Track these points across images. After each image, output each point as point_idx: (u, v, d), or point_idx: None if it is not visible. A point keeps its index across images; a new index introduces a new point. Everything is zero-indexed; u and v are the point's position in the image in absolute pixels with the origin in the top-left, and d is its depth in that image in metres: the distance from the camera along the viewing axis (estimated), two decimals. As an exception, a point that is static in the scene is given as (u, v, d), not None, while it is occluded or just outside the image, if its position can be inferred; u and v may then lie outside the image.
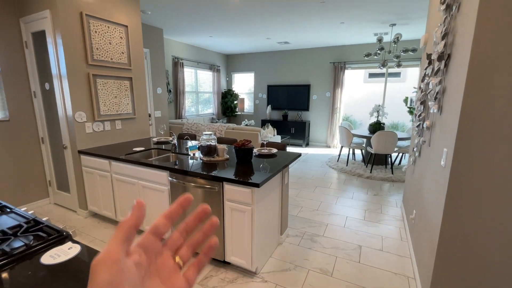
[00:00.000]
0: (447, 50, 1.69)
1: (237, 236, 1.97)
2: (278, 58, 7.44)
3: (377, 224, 2.85)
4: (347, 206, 3.32)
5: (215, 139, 2.39)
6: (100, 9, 2.84)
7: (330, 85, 6.88)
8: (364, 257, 2.27)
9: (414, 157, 2.59)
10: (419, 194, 2.22)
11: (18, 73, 2.95)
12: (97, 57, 2.85)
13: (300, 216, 3.03)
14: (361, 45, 6.39)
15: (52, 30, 2.61)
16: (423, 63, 2.62)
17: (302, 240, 2.53)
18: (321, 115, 7.16)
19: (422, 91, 2.29)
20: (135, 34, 3.24)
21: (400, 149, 4.73)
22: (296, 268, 2.13)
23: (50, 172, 3.24)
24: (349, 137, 4.95)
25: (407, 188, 2.94)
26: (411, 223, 2.45)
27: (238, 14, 4.17)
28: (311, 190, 3.88)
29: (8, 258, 0.91)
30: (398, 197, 3.63)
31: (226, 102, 7.95)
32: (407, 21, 4.48)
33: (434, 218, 1.61)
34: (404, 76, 8.94)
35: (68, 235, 1.08)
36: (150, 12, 4.16)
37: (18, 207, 3.04)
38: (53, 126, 3.07)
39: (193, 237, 0.29)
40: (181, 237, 0.29)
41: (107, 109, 3.02)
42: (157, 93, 5.16)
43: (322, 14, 4.13)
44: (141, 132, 3.50)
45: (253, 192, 1.82)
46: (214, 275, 2.03)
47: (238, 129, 4.74)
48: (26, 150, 3.08)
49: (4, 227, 1.09)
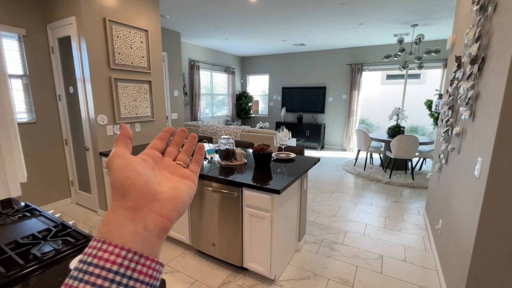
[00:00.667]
0: (481, 53, 1.60)
1: (255, 242, 1.94)
2: (293, 60, 7.38)
3: (398, 233, 2.75)
4: (366, 213, 3.22)
5: (233, 143, 2.38)
6: (122, 15, 2.91)
7: (346, 87, 6.75)
8: (386, 268, 2.18)
9: (440, 164, 2.47)
10: (446, 204, 2.11)
11: (44, 77, 3.07)
12: (119, 61, 2.92)
13: (317, 222, 2.96)
14: (380, 46, 6.23)
15: (77, 36, 2.69)
16: (451, 66, 2.50)
17: (321, 248, 2.47)
18: (337, 117, 7.03)
19: (450, 95, 2.18)
20: (155, 38, 3.30)
21: (422, 154, 4.56)
22: (316, 276, 2.07)
23: (72, 172, 3.34)
24: (367, 141, 4.82)
25: (431, 196, 2.82)
26: (437, 233, 2.33)
27: (254, 16, 4.17)
28: (328, 195, 3.80)
29: (39, 263, 0.92)
30: (420, 204, 3.48)
31: (241, 104, 7.97)
32: (430, 21, 4.32)
33: (467, 231, 1.52)
34: (424, 78, 8.64)
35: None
36: (168, 16, 4.23)
37: (41, 206, 3.16)
38: (76, 129, 3.17)
39: (184, 146, 0.35)
40: (174, 149, 0.34)
41: (127, 112, 3.09)
42: (174, 95, 5.23)
43: (340, 15, 4.05)
44: (159, 135, 3.55)
45: (273, 198, 1.79)
46: (231, 281, 2.01)
47: (253, 132, 4.72)
48: (50, 151, 3.20)
49: (34, 231, 1.11)
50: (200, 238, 2.25)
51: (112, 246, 0.22)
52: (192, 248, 2.42)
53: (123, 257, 0.22)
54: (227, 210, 2.03)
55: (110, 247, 0.22)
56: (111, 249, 0.22)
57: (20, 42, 2.85)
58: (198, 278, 2.04)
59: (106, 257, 0.21)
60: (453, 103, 2.14)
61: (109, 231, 0.23)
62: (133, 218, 0.24)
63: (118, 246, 0.22)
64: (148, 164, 0.29)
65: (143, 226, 0.24)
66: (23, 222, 1.22)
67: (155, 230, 0.25)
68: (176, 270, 2.14)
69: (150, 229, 0.24)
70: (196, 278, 2.04)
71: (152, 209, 0.25)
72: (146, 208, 0.25)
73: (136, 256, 0.22)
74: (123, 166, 0.25)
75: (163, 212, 0.26)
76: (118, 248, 0.22)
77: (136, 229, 0.24)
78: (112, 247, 0.22)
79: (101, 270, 0.21)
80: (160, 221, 0.25)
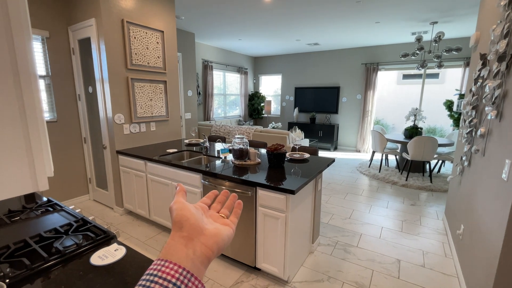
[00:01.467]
0: (510, 50, 1.51)
1: (269, 242, 1.93)
2: (306, 59, 7.31)
3: (416, 237, 2.65)
4: (381, 216, 3.13)
5: (247, 143, 2.38)
6: (139, 16, 2.97)
7: (361, 87, 6.62)
8: (404, 273, 2.11)
9: (461, 166, 2.37)
10: (468, 208, 2.02)
11: (65, 78, 3.18)
12: (135, 62, 2.99)
13: (331, 224, 2.91)
14: (396, 45, 6.06)
15: (96, 37, 2.77)
16: (474, 64, 2.40)
17: (335, 250, 2.42)
18: (351, 118, 6.90)
19: (474, 95, 2.09)
20: (170, 39, 3.35)
21: (440, 156, 4.39)
22: (330, 279, 2.03)
23: (90, 170, 3.44)
24: (382, 142, 4.70)
25: (452, 200, 2.71)
26: (458, 238, 2.24)
27: (268, 16, 4.15)
28: (342, 196, 3.73)
29: (61, 257, 0.95)
30: (439, 208, 3.35)
31: (253, 104, 7.97)
32: (451, 19, 4.16)
33: (493, 237, 1.45)
34: (443, 78, 8.35)
35: (113, 236, 1.11)
36: (184, 17, 4.29)
37: (61, 202, 3.27)
38: (94, 127, 3.26)
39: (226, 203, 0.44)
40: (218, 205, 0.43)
41: (143, 111, 3.15)
42: (188, 95, 5.30)
43: (356, 14, 3.97)
44: (174, 134, 3.61)
45: (288, 198, 1.77)
46: (245, 281, 2.00)
47: (266, 132, 4.71)
48: (70, 149, 3.31)
49: (56, 225, 1.15)
50: (213, 237, 2.25)
51: (172, 264, 0.29)
52: (205, 247, 2.44)
53: (179, 273, 0.28)
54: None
55: (171, 265, 0.29)
56: (171, 266, 0.29)
57: (43, 44, 2.97)
58: (211, 277, 2.05)
59: (168, 271, 0.28)
60: (477, 102, 2.05)
61: (168, 252, 0.30)
62: (186, 244, 0.32)
63: (176, 264, 0.29)
64: (198, 211, 0.37)
65: (193, 251, 0.31)
66: (46, 216, 1.26)
67: (201, 256, 0.32)
68: (190, 268, 2.15)
69: (197, 255, 0.32)
70: (209, 277, 2.05)
71: (200, 240, 0.33)
72: (196, 238, 0.33)
73: (189, 275, 0.29)
74: (181, 208, 0.35)
75: (208, 244, 0.33)
76: (177, 266, 0.29)
77: (187, 253, 0.31)
78: (172, 264, 0.29)
79: (164, 280, 0.27)
80: (205, 250, 0.33)
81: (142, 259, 0.97)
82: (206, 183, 2.19)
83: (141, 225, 2.87)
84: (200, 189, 2.26)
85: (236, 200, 0.44)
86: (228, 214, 0.42)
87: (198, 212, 0.37)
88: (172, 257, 0.30)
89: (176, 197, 0.38)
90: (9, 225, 1.16)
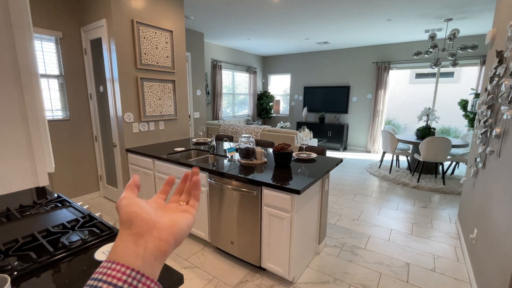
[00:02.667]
0: (528, 46, 1.44)
1: (274, 242, 1.92)
2: (316, 58, 7.24)
3: (427, 241, 2.58)
4: (391, 218, 3.06)
5: (254, 142, 2.37)
6: (149, 16, 3.01)
7: (372, 86, 6.49)
8: (413, 277, 2.05)
9: (475, 168, 2.28)
10: (483, 211, 1.94)
11: (78, 77, 3.26)
12: (145, 61, 3.03)
13: (338, 225, 2.87)
14: (409, 43, 5.91)
15: (107, 37, 2.83)
16: (490, 62, 2.30)
17: (342, 252, 2.38)
18: (361, 118, 6.78)
19: (490, 94, 2.00)
20: (179, 38, 3.38)
21: (454, 157, 4.26)
22: (336, 281, 2.00)
23: (101, 167, 3.52)
24: (393, 143, 4.59)
25: (465, 203, 2.61)
26: (471, 243, 2.16)
27: (277, 15, 4.13)
28: (350, 197, 3.67)
29: (67, 251, 0.97)
30: (452, 211, 3.25)
31: (262, 104, 7.96)
32: (467, 15, 4.02)
33: (509, 242, 1.38)
34: (458, 77, 8.10)
35: (118, 232, 1.13)
36: (193, 17, 4.32)
37: (73, 198, 3.36)
38: (105, 126, 3.33)
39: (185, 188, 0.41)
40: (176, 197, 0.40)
41: (152, 110, 3.19)
42: (197, 95, 5.34)
43: (367, 11, 3.89)
44: (182, 133, 3.64)
45: (293, 198, 1.75)
46: (249, 280, 2.00)
47: (274, 131, 4.69)
48: (82, 147, 3.39)
49: (64, 221, 1.17)
50: (219, 235, 2.26)
51: (119, 266, 0.27)
52: (211, 245, 2.45)
53: (127, 275, 0.26)
54: (246, 209, 2.02)
55: (118, 266, 0.27)
56: (118, 268, 0.26)
57: (57, 44, 3.05)
58: (216, 275, 2.06)
59: (114, 274, 0.26)
60: (492, 102, 1.97)
61: (116, 254, 0.28)
62: (136, 242, 0.29)
63: (124, 266, 0.27)
64: (150, 205, 0.34)
65: (143, 248, 0.29)
66: (55, 212, 1.29)
67: (154, 251, 0.29)
68: (195, 266, 2.17)
69: (150, 251, 0.29)
70: (215, 275, 2.05)
71: (152, 234, 0.30)
72: (147, 233, 0.30)
73: (138, 275, 0.27)
74: (129, 205, 0.31)
75: (162, 237, 0.30)
76: (124, 267, 0.27)
77: (137, 251, 0.28)
78: (120, 266, 0.27)
79: (109, 285, 0.25)
80: (159, 244, 0.30)
81: (145, 256, 0.98)
82: (212, 181, 2.20)
83: (149, 223, 2.91)
84: (206, 188, 2.27)
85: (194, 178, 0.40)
86: (188, 199, 0.39)
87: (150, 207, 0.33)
88: (120, 257, 0.27)
89: (125, 192, 0.34)
90: (19, 220, 1.20)
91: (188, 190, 0.40)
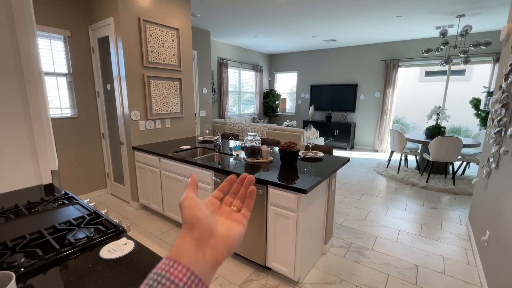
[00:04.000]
0: (547, 41, 1.38)
1: (280, 242, 1.90)
2: (323, 56, 7.16)
3: (437, 242, 2.52)
4: (399, 218, 3.01)
5: (259, 140, 2.35)
6: (155, 14, 3.01)
7: (380, 84, 6.39)
8: (421, 279, 2.01)
9: (488, 168, 2.21)
10: (495, 213, 1.88)
11: (86, 76, 3.30)
12: (151, 60, 3.04)
13: (345, 226, 2.83)
14: (419, 40, 5.79)
15: (114, 36, 2.84)
16: (505, 59, 2.23)
17: (348, 252, 2.35)
18: (369, 116, 6.68)
19: (504, 92, 1.94)
20: (186, 36, 3.38)
21: (465, 157, 4.15)
22: (342, 282, 1.97)
23: (108, 165, 3.56)
24: (401, 142, 4.51)
25: (477, 204, 2.54)
26: (482, 245, 2.10)
27: (284, 12, 4.09)
28: (357, 197, 3.62)
29: (73, 249, 0.97)
30: (462, 212, 3.17)
31: (268, 102, 7.92)
32: (480, 11, 3.90)
33: (522, 245, 1.33)
34: (470, 74, 7.90)
35: (123, 230, 1.13)
36: (199, 15, 4.31)
37: (80, 195, 3.41)
38: (112, 124, 3.36)
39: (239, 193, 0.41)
40: (231, 197, 0.41)
41: (159, 108, 3.21)
42: (203, 93, 5.35)
43: (376, 7, 3.81)
44: (188, 131, 3.65)
45: (299, 198, 1.73)
46: (254, 279, 1.99)
47: (280, 130, 4.66)
48: (89, 145, 3.43)
49: (70, 218, 1.18)
50: (224, 234, 2.25)
51: (180, 266, 0.28)
52: (216, 244, 2.45)
53: (188, 277, 0.27)
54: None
55: (180, 267, 0.28)
56: (180, 268, 0.28)
57: (65, 43, 3.09)
58: (221, 273, 2.05)
59: (176, 274, 0.27)
60: (507, 100, 1.90)
61: (177, 253, 0.29)
62: (197, 247, 0.30)
63: (185, 267, 0.28)
64: (209, 208, 0.36)
65: (202, 255, 0.30)
66: (62, 209, 1.30)
67: (210, 261, 0.31)
68: (201, 264, 2.16)
69: (206, 259, 0.30)
70: (219, 274, 2.05)
71: (210, 242, 0.31)
72: (206, 241, 0.31)
73: (196, 280, 0.28)
74: (192, 207, 0.33)
75: (218, 247, 0.32)
76: (185, 269, 0.28)
77: (197, 256, 0.30)
78: (181, 267, 0.28)
79: (171, 283, 0.26)
80: (215, 255, 0.31)
81: (149, 254, 0.97)
82: (218, 180, 2.19)
83: (155, 220, 2.93)
84: (211, 186, 2.27)
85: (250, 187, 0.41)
86: (241, 206, 0.40)
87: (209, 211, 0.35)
88: (182, 258, 0.29)
89: (187, 191, 0.35)
90: (27, 216, 1.21)
91: (242, 196, 0.41)
